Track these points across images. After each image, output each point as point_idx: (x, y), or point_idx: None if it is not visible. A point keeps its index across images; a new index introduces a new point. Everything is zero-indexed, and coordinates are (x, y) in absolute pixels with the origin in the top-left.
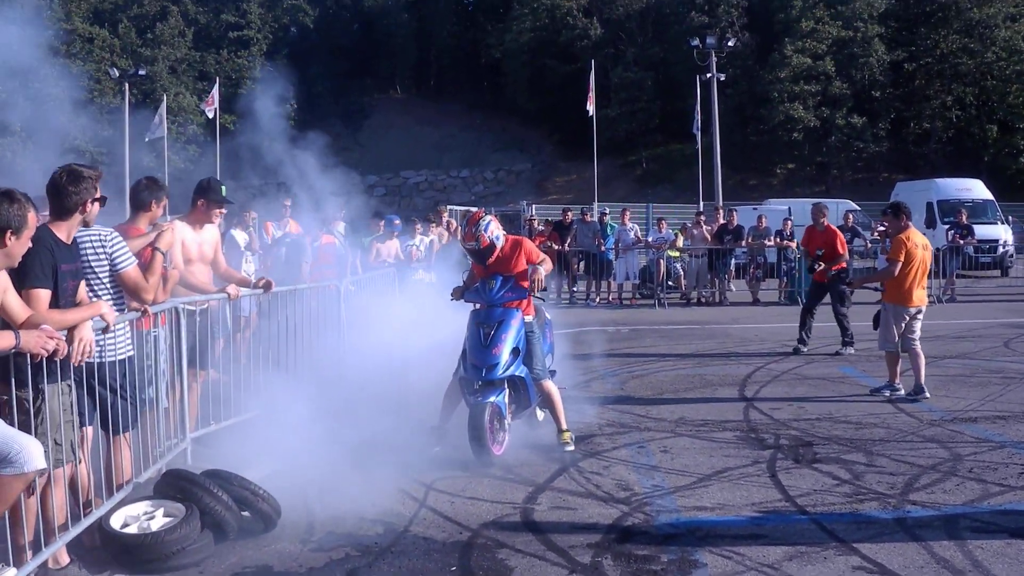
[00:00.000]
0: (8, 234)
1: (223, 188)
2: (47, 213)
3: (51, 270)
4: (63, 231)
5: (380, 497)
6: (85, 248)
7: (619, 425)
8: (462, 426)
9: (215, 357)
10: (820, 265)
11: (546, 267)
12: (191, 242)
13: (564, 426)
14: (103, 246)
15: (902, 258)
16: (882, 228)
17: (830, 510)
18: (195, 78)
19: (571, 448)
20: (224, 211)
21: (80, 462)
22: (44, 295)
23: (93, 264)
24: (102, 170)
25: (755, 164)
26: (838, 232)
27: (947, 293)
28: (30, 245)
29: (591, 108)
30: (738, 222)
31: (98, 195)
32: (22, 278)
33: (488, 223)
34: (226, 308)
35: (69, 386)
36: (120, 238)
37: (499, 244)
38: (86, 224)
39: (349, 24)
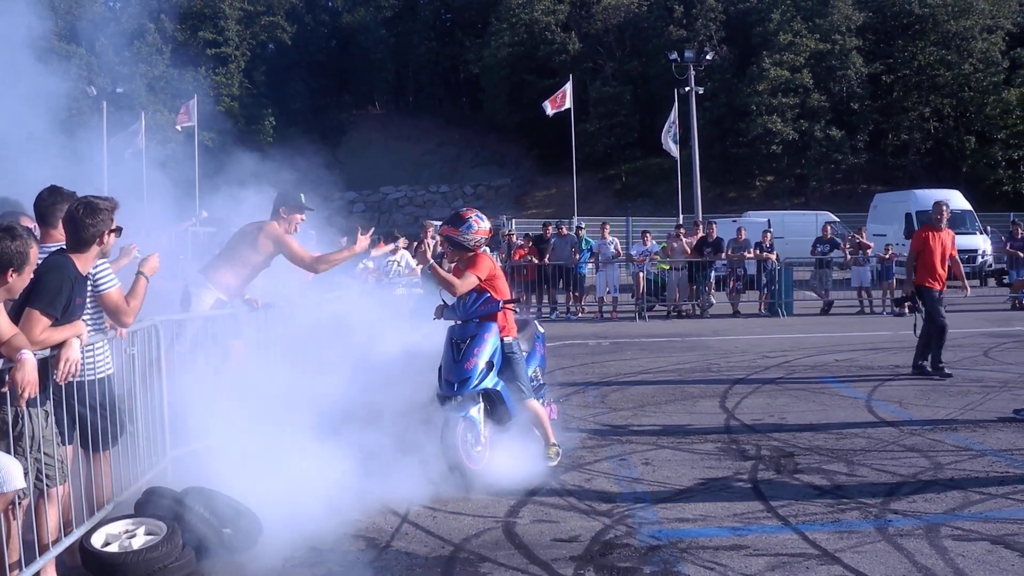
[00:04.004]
0: (10, 271)
1: (302, 196)
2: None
3: (66, 302)
4: (81, 263)
5: (362, 512)
6: None
7: (600, 438)
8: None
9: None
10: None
11: (460, 281)
12: None
13: (552, 440)
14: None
15: None
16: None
17: (812, 520)
18: (173, 95)
19: (555, 463)
20: (304, 219)
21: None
22: (44, 322)
23: None
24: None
25: (734, 177)
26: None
27: None
28: (40, 273)
29: (552, 110)
30: (717, 234)
31: (114, 226)
32: (33, 297)
33: (480, 217)
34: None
35: (47, 411)
36: (104, 261)
37: (472, 232)
38: (103, 255)
39: (327, 41)
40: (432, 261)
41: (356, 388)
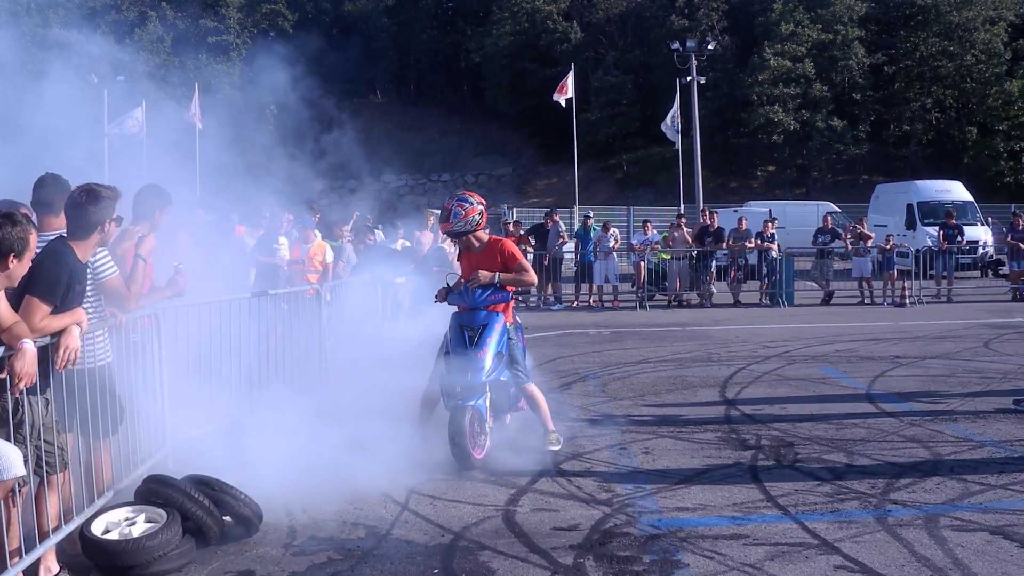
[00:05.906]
0: (11, 257)
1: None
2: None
3: (65, 289)
4: (81, 250)
5: (362, 501)
6: None
7: (600, 427)
8: (443, 430)
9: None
10: None
11: (529, 272)
12: None
13: (551, 427)
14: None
15: None
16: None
17: (811, 510)
18: (174, 84)
19: (556, 449)
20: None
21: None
22: (44, 310)
23: None
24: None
25: (736, 167)
26: None
27: (945, 294)
28: (39, 260)
29: (560, 99)
30: (719, 224)
31: (115, 215)
32: (32, 284)
33: (461, 200)
34: None
35: (47, 399)
36: (103, 248)
37: (462, 216)
38: (103, 244)
39: (328, 29)
40: (498, 277)
41: (358, 375)
